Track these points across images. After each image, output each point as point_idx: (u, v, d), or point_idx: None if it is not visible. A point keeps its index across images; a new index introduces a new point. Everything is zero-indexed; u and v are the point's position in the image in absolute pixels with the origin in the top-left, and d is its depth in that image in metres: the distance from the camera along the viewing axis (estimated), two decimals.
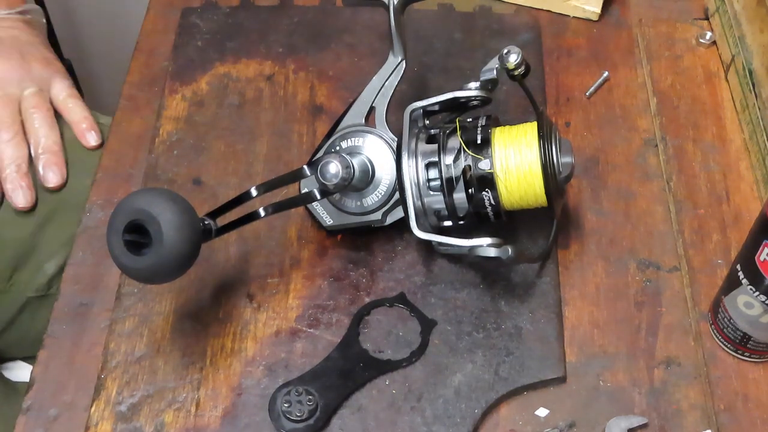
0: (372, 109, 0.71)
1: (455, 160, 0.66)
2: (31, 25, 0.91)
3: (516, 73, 0.68)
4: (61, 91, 0.86)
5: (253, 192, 0.65)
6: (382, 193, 0.69)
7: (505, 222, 0.68)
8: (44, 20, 0.94)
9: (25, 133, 0.83)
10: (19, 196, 0.80)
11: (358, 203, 0.70)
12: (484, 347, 0.68)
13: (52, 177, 0.81)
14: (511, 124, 0.68)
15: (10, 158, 0.81)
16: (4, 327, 0.88)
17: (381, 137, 0.70)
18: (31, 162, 0.82)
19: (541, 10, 0.89)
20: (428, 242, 0.70)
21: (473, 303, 0.70)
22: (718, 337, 0.67)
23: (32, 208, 0.81)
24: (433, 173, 0.67)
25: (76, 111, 0.85)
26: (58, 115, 0.85)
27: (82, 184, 0.80)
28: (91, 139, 0.83)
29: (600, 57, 0.86)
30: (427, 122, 0.70)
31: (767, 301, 0.61)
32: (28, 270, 0.85)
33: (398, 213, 0.70)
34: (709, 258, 0.71)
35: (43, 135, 0.82)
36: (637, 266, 0.73)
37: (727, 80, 0.83)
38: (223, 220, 0.64)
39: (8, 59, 0.85)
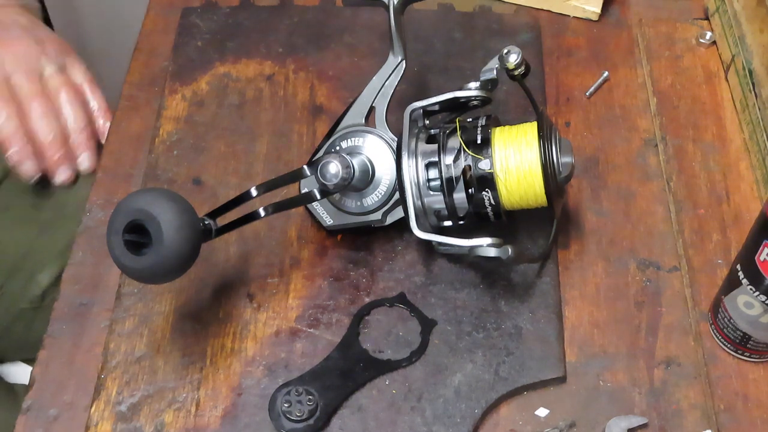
0: (372, 109, 0.71)
1: (455, 160, 0.66)
2: (27, 9, 0.88)
3: (516, 73, 0.68)
4: (79, 74, 0.84)
5: (253, 192, 0.65)
6: (382, 193, 0.69)
7: (505, 222, 0.68)
8: (38, 3, 0.91)
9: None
10: (62, 172, 0.78)
11: (358, 203, 0.70)
12: (484, 347, 0.68)
13: (85, 160, 0.78)
14: (511, 124, 0.68)
15: (46, 132, 0.77)
16: None
17: (381, 137, 0.70)
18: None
19: (541, 10, 0.89)
20: (428, 242, 0.70)
21: (473, 303, 0.70)
22: (718, 337, 0.67)
23: (74, 182, 0.78)
24: (433, 173, 0.67)
25: (92, 101, 0.83)
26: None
27: (81, 194, 0.78)
28: (106, 132, 0.81)
29: (600, 57, 0.86)
30: (427, 122, 0.70)
31: (767, 301, 0.61)
32: (20, 279, 0.84)
33: (398, 213, 0.70)
34: (709, 258, 0.71)
35: (72, 115, 0.80)
36: (637, 266, 0.73)
37: (727, 80, 0.83)
38: (223, 220, 0.64)
39: (21, 39, 0.82)
